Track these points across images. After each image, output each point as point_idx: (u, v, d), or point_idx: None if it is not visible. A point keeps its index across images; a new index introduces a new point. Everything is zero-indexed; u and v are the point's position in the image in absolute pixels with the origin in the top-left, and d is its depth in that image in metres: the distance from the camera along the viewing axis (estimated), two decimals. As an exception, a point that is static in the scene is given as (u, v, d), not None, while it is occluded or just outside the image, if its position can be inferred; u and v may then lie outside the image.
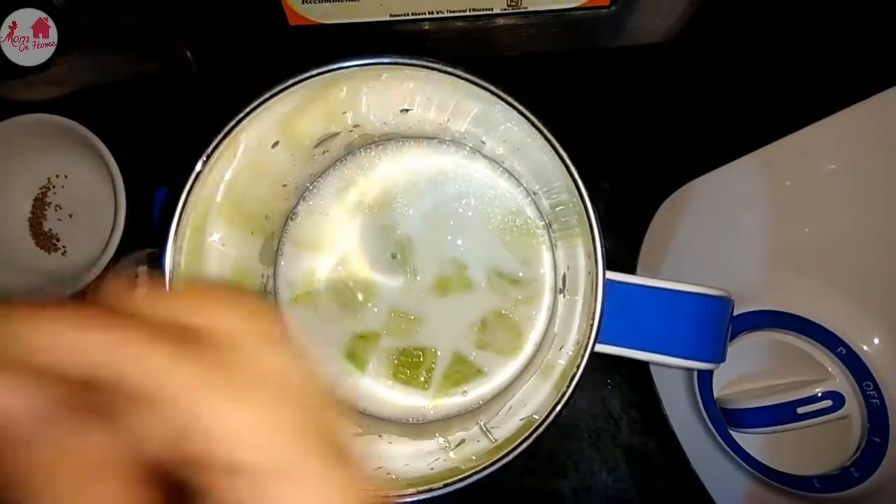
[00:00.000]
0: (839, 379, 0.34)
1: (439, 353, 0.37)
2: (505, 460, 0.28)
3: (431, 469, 0.32)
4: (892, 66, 0.35)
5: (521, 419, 0.31)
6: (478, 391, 0.37)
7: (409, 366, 0.37)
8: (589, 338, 0.27)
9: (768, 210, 0.39)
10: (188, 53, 0.47)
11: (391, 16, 0.40)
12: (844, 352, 0.34)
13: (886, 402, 0.33)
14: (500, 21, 0.41)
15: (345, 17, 0.40)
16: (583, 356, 0.27)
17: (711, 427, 0.39)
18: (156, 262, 0.30)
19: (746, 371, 0.37)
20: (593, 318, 0.27)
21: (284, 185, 0.36)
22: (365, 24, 0.41)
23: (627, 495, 0.45)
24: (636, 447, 0.46)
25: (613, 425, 0.46)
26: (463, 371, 0.37)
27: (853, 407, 0.34)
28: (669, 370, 0.41)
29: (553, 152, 0.29)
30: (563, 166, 0.29)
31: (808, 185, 0.37)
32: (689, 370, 0.39)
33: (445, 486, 0.28)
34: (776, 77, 0.43)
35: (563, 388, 0.28)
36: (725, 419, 0.38)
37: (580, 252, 0.32)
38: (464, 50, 0.44)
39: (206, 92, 0.47)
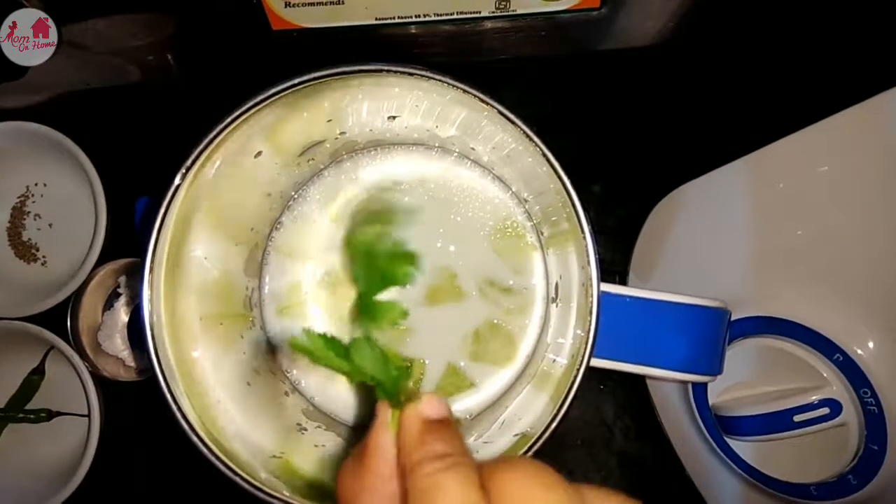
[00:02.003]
0: (836, 386, 0.34)
1: (428, 364, 0.36)
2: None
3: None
4: (885, 70, 0.35)
5: (516, 434, 0.30)
6: (468, 403, 0.36)
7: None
8: (584, 353, 0.27)
9: (761, 213, 0.38)
10: (169, 58, 0.46)
11: (377, 19, 0.39)
12: (841, 359, 0.33)
13: (884, 409, 0.33)
14: (489, 24, 0.40)
15: (329, 21, 0.39)
16: (578, 370, 0.27)
17: (706, 434, 0.38)
18: (137, 273, 0.29)
19: (742, 378, 0.37)
20: (588, 333, 0.26)
21: (269, 195, 0.35)
22: (350, 28, 0.40)
23: (622, 503, 0.44)
24: (630, 454, 0.45)
25: (607, 432, 0.45)
26: (456, 383, 0.36)
27: (850, 414, 0.34)
28: (664, 377, 0.41)
29: (543, 158, 0.29)
30: (553, 172, 0.29)
31: (801, 186, 0.37)
32: (687, 383, 0.38)
33: None
34: (767, 80, 0.43)
35: (559, 403, 0.27)
36: (721, 426, 0.37)
37: (572, 260, 0.32)
38: (452, 54, 0.44)
39: (189, 97, 0.47)
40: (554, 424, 0.27)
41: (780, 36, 0.42)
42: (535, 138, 0.28)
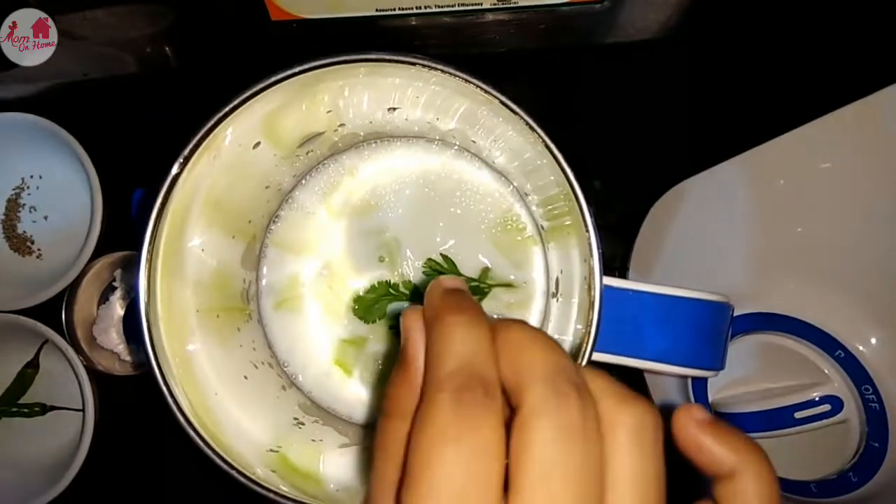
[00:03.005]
0: (837, 383, 0.34)
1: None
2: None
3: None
4: (887, 66, 0.34)
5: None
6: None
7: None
8: (586, 348, 0.26)
9: (762, 209, 0.38)
10: (167, 49, 0.45)
11: (377, 10, 0.39)
12: (843, 355, 0.33)
13: (886, 405, 0.32)
14: (490, 16, 0.40)
15: (329, 12, 0.39)
16: (579, 365, 0.26)
17: (706, 431, 0.38)
18: (133, 266, 0.29)
19: (742, 374, 0.37)
20: (590, 327, 0.26)
21: (267, 187, 0.35)
22: (350, 19, 0.40)
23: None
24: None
25: (605, 428, 0.45)
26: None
27: (852, 411, 0.33)
28: (663, 373, 0.41)
29: (545, 150, 0.28)
30: (555, 165, 0.28)
31: (802, 182, 0.37)
32: (688, 378, 0.38)
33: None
34: (769, 76, 0.42)
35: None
36: (721, 423, 0.37)
37: (574, 254, 0.31)
38: (452, 46, 0.43)
39: (186, 88, 0.46)
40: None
41: (783, 31, 0.42)
42: (538, 129, 0.28)
